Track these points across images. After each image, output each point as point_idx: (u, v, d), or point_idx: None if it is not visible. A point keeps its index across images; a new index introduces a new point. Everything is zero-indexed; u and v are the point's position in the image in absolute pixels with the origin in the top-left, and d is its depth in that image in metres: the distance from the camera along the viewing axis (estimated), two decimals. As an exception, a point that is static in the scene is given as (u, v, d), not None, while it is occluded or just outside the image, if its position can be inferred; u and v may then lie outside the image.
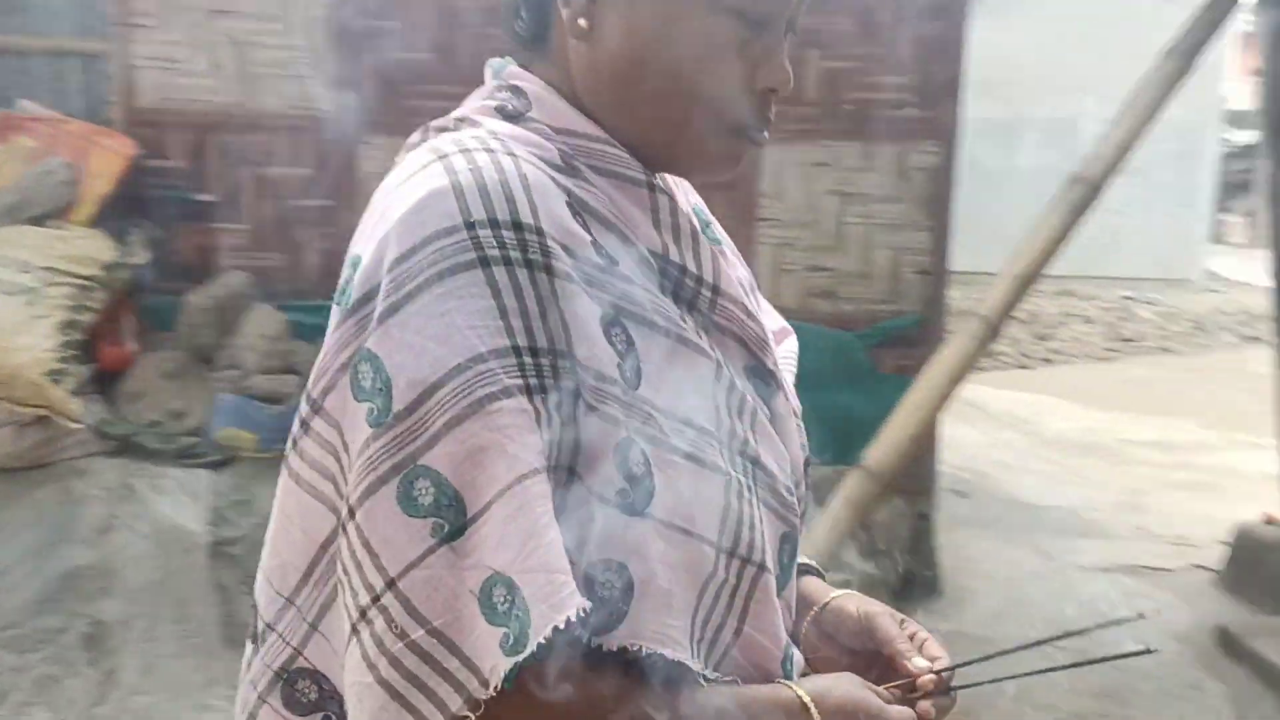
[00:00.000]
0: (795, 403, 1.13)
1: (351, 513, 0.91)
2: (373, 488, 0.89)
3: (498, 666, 0.85)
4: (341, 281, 0.97)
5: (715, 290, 1.05)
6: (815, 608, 1.15)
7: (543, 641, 0.84)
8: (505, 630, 0.85)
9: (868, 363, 4.79)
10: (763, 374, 1.09)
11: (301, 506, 0.98)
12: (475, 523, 0.87)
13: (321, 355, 0.96)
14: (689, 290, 1.04)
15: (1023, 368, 8.02)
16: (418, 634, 0.87)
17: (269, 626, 1.02)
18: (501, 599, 0.86)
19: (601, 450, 0.92)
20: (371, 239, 0.95)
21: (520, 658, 0.84)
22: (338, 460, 0.95)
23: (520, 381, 0.89)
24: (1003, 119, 10.96)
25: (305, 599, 1.00)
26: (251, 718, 1.04)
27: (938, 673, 1.04)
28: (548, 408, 0.90)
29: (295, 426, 0.98)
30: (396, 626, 0.87)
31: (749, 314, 1.08)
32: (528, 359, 0.90)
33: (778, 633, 1.03)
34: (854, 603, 1.13)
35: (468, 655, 0.86)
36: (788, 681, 1.01)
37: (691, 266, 1.04)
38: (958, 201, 4.80)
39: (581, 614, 0.85)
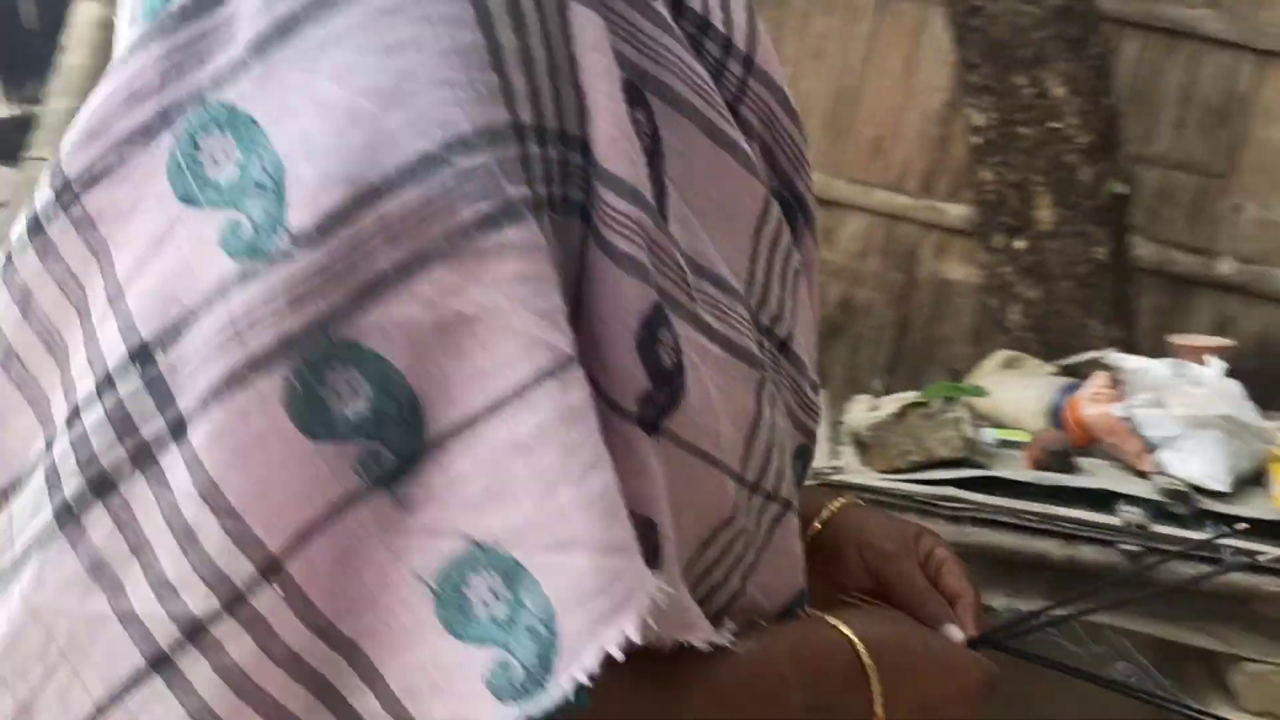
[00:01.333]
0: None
1: (178, 426, 0.47)
2: (239, 377, 0.46)
3: (474, 716, 0.47)
4: None
5: (747, 64, 0.65)
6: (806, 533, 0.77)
7: (586, 682, 0.46)
8: (498, 653, 0.47)
9: None
10: (792, 203, 0.69)
11: None
12: (439, 453, 0.48)
13: (87, 99, 0.51)
14: (710, 60, 0.64)
15: None
16: (317, 650, 0.49)
17: None
18: (487, 595, 0.48)
19: (620, 324, 0.52)
20: None
21: (535, 709, 0.46)
22: (79, 310, 0.51)
23: (527, 191, 0.49)
24: None
25: None
26: None
27: (975, 643, 0.74)
28: (558, 239, 0.51)
29: (17, 225, 0.52)
30: (273, 634, 0.48)
31: (789, 108, 0.68)
32: (534, 147, 0.50)
33: (794, 582, 0.70)
34: (852, 535, 0.79)
35: (395, 694, 0.49)
36: (822, 615, 0.68)
37: (718, 22, 0.64)
38: None
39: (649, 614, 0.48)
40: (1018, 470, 2.12)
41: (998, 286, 3.63)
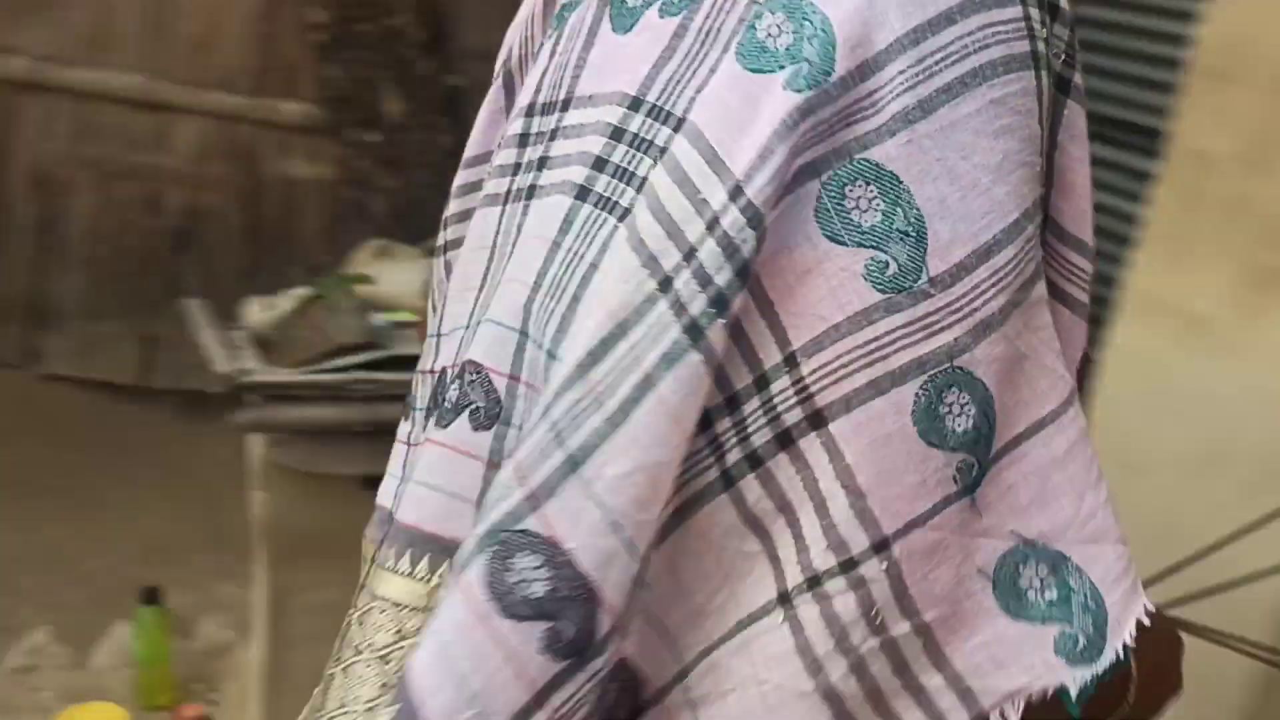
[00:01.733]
0: None
1: (818, 419, 0.57)
2: (877, 387, 0.57)
3: (1050, 680, 0.61)
4: (759, 35, 0.57)
5: None
6: None
7: (1128, 643, 0.62)
8: (1061, 628, 0.61)
9: None
10: None
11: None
12: (999, 465, 0.61)
13: (742, 135, 0.56)
14: None
15: None
16: (901, 629, 0.59)
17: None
18: (1037, 582, 0.61)
19: (1070, 360, 0.67)
20: None
21: (1099, 668, 0.61)
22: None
23: (1042, 252, 0.65)
24: None
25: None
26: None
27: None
28: None
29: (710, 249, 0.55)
30: (875, 613, 0.59)
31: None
32: (1041, 216, 0.65)
33: None
34: None
35: (959, 672, 0.61)
36: None
37: None
38: None
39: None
40: (415, 346, 2.25)
41: (356, 180, 3.74)
